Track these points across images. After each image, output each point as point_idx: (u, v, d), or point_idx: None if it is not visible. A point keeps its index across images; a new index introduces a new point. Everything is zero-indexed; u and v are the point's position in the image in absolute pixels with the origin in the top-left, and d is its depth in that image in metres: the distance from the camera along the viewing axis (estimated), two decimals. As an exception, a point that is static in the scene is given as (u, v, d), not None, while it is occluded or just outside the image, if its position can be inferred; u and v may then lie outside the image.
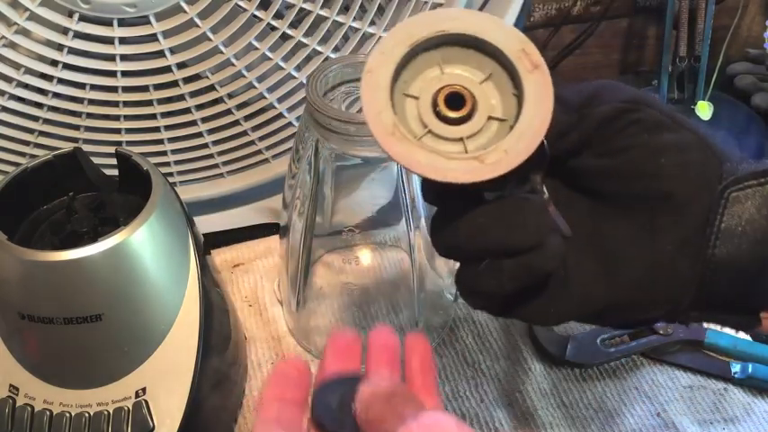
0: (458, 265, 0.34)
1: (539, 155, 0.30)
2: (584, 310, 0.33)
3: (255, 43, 0.53)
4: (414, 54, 0.31)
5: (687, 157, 0.32)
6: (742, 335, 0.55)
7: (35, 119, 0.54)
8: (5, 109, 0.53)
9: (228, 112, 0.57)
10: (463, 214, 0.31)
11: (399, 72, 0.31)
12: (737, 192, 0.31)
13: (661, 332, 0.54)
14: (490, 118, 0.31)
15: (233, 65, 0.54)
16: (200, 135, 0.58)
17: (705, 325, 0.55)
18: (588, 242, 0.33)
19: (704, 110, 0.75)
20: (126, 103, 0.55)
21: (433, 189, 0.33)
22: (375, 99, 0.30)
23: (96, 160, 0.47)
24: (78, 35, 0.50)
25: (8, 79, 0.52)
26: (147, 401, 0.42)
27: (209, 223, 0.64)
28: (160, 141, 0.57)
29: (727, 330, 0.55)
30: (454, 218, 0.31)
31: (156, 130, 0.57)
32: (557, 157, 0.33)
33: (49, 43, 0.51)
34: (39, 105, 0.54)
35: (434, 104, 0.31)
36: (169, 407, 0.42)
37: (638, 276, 0.32)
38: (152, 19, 0.50)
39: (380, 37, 0.55)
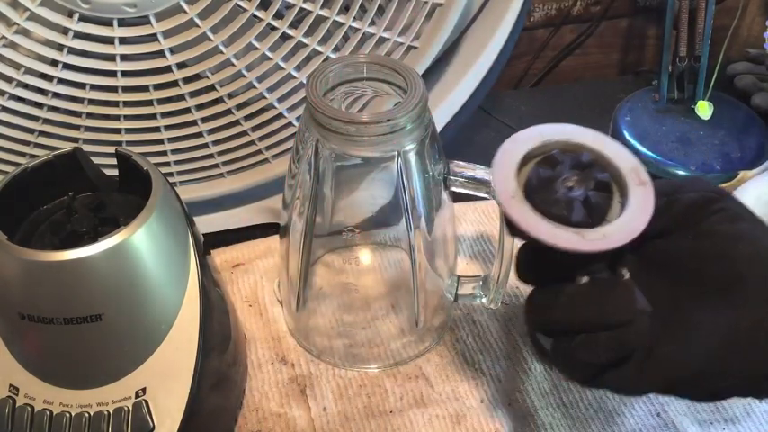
0: (457, 263, 0.35)
1: (628, 245, 0.35)
2: (665, 380, 0.36)
3: (255, 43, 0.53)
4: (543, 151, 0.38)
5: (760, 244, 0.36)
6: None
7: (35, 119, 0.54)
8: (5, 109, 0.53)
9: (228, 112, 0.57)
10: (560, 294, 0.36)
11: (526, 161, 0.37)
12: None
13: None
14: None
15: (233, 65, 0.54)
16: (200, 135, 0.58)
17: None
18: (667, 317, 0.36)
19: (704, 110, 0.75)
20: (126, 103, 0.55)
21: (532, 267, 0.38)
22: (505, 171, 0.36)
23: (96, 160, 0.47)
24: (78, 35, 0.50)
25: (8, 79, 0.52)
26: (147, 401, 0.42)
27: (209, 223, 0.64)
28: (160, 141, 0.57)
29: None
30: (551, 298, 0.36)
31: (156, 130, 0.57)
32: (641, 237, 0.36)
33: (48, 43, 0.51)
34: (39, 105, 0.54)
35: None
36: (169, 407, 0.42)
37: (715, 350, 0.35)
38: (152, 19, 0.50)
39: (380, 37, 0.55)
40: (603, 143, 0.38)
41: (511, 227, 0.36)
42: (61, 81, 0.53)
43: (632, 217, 0.35)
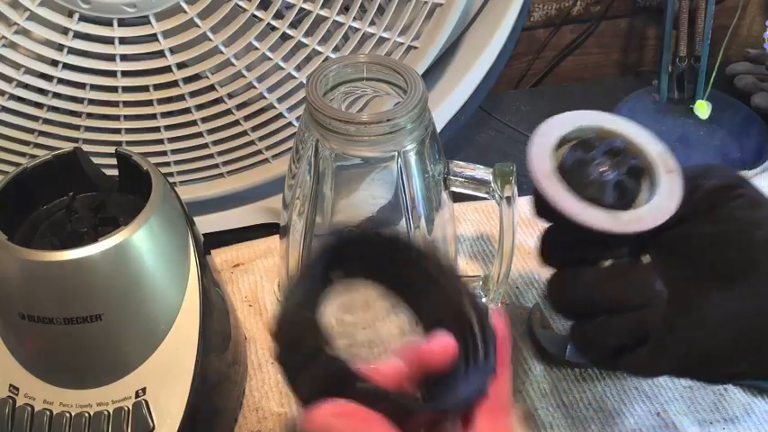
0: (457, 263, 0.35)
1: (652, 229, 0.36)
2: (680, 362, 0.37)
3: (255, 43, 0.53)
4: (578, 136, 0.39)
5: None
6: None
7: (35, 119, 0.54)
8: (5, 109, 0.53)
9: (228, 112, 0.57)
10: (583, 276, 0.37)
11: (561, 144, 0.38)
12: None
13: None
14: None
15: (233, 65, 0.54)
16: (200, 135, 0.58)
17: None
18: (684, 301, 0.37)
19: (703, 109, 0.75)
20: (126, 103, 0.55)
21: (556, 251, 0.39)
22: (541, 151, 0.37)
23: (96, 160, 0.47)
24: (78, 35, 0.50)
25: (8, 79, 0.52)
26: (147, 401, 0.42)
27: (209, 223, 0.64)
28: (160, 141, 0.57)
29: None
30: (574, 279, 0.37)
31: (156, 130, 0.57)
32: (664, 224, 0.37)
33: (48, 43, 0.51)
34: (39, 105, 0.54)
35: None
36: (169, 407, 0.42)
37: (728, 334, 0.36)
38: (152, 19, 0.50)
39: (380, 37, 0.55)
40: (634, 131, 0.39)
41: (541, 207, 0.38)
42: (61, 81, 0.53)
43: (662, 201, 0.37)
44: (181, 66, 0.53)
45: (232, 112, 0.57)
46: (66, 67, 0.52)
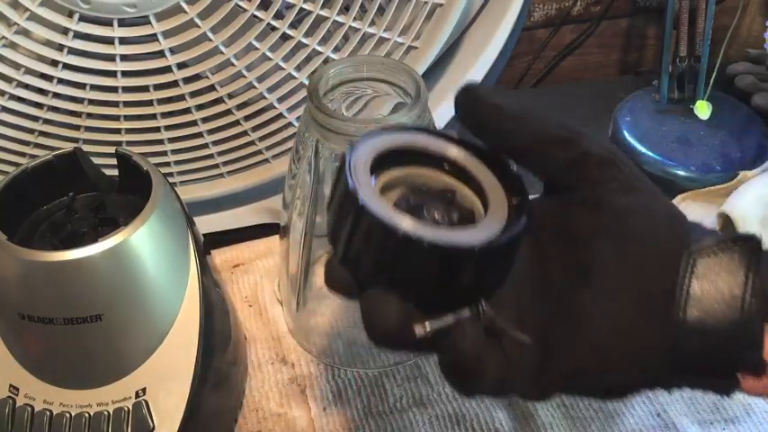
0: None
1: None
2: (563, 377, 0.33)
3: (255, 43, 0.53)
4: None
5: (655, 221, 0.33)
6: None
7: (35, 119, 0.54)
8: (5, 109, 0.53)
9: (228, 112, 0.57)
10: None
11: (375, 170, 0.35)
12: (705, 257, 0.32)
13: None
14: None
15: (233, 65, 0.54)
16: (200, 135, 0.58)
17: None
18: (558, 301, 0.33)
19: (702, 109, 0.75)
20: (126, 104, 0.55)
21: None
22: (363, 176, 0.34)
23: (96, 160, 0.47)
24: (78, 35, 0.50)
25: (8, 79, 0.52)
26: (147, 401, 0.42)
27: (209, 223, 0.64)
28: (160, 141, 0.57)
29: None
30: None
31: (156, 130, 0.57)
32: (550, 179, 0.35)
33: (49, 43, 0.51)
34: (39, 105, 0.54)
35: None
36: (169, 407, 0.42)
37: (603, 340, 0.32)
38: (152, 19, 0.50)
39: (380, 37, 0.55)
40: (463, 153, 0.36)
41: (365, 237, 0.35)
42: (61, 81, 0.53)
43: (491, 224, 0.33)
44: (181, 66, 0.53)
45: (232, 112, 0.57)
46: (67, 67, 0.52)
